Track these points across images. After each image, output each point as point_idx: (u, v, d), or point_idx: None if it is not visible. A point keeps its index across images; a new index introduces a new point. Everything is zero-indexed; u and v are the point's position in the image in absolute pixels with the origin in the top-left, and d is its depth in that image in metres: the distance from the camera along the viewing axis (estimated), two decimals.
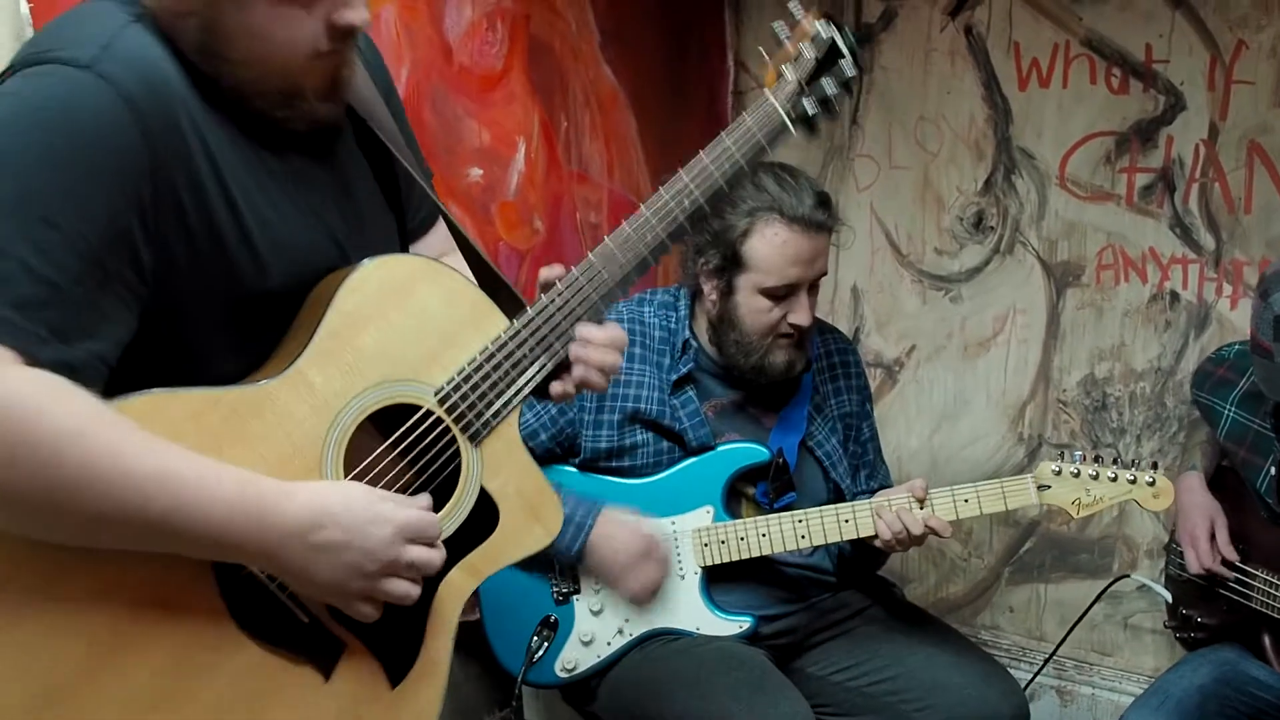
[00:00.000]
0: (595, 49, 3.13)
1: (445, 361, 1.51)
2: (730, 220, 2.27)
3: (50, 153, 1.20)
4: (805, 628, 2.41)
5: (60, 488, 1.15)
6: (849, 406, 2.54)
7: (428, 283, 1.52)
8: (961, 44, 3.33)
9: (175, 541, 1.24)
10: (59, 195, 1.20)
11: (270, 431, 1.36)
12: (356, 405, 1.43)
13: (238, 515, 1.25)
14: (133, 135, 1.25)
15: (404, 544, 1.38)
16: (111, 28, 1.29)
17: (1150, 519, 3.25)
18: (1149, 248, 3.16)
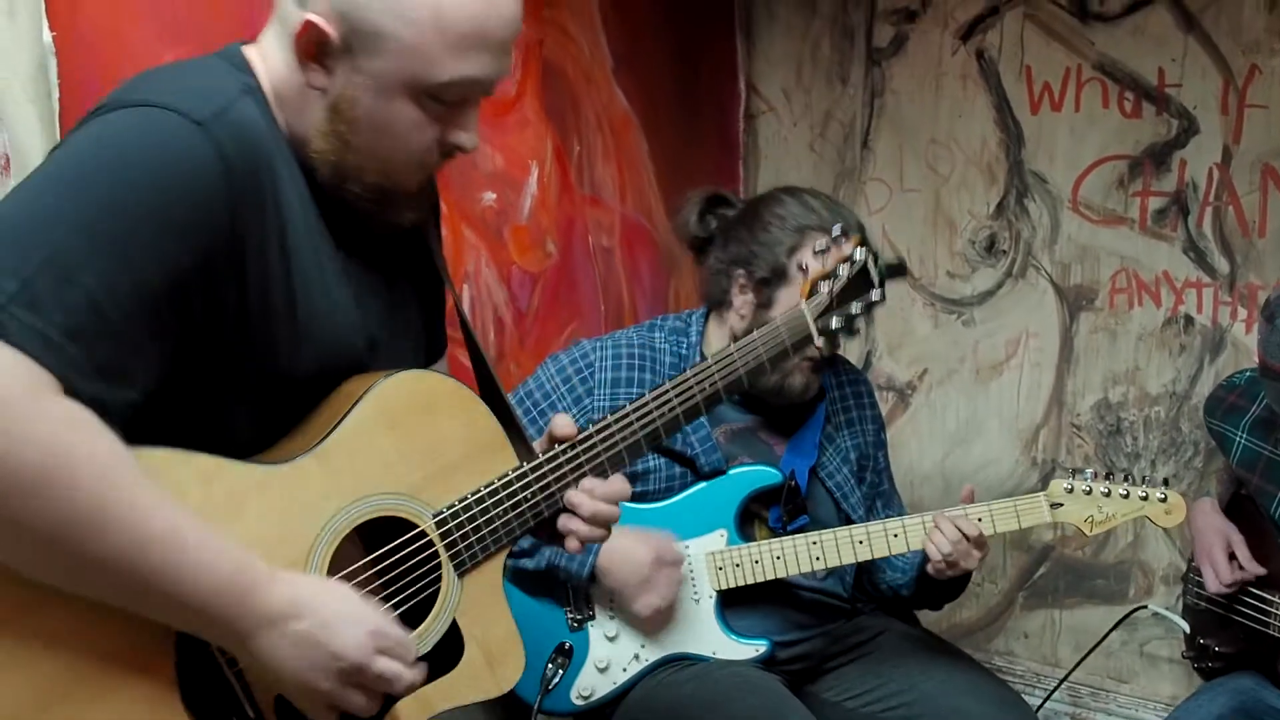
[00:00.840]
0: (608, 73, 3.14)
1: (449, 486, 1.52)
2: (778, 234, 2.29)
3: (146, 197, 1.22)
4: (821, 652, 2.40)
5: (70, 524, 1.14)
6: (865, 437, 2.53)
7: (452, 406, 1.54)
8: (973, 67, 3.33)
9: (157, 602, 1.22)
10: (141, 240, 1.21)
11: (267, 514, 1.35)
12: (356, 509, 1.43)
13: (225, 592, 1.24)
14: (222, 201, 1.28)
15: (375, 653, 1.35)
16: (230, 93, 1.34)
17: (1166, 544, 3.24)
18: (1163, 271, 3.16)
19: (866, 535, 2.26)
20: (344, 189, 1.43)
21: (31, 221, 1.17)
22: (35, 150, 1.80)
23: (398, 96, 1.38)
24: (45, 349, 1.13)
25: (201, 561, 1.22)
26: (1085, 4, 3.14)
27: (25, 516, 1.11)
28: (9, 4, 1.76)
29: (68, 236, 1.17)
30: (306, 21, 1.35)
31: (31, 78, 1.79)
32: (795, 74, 3.66)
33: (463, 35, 1.36)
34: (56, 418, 1.13)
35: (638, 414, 1.69)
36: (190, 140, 1.26)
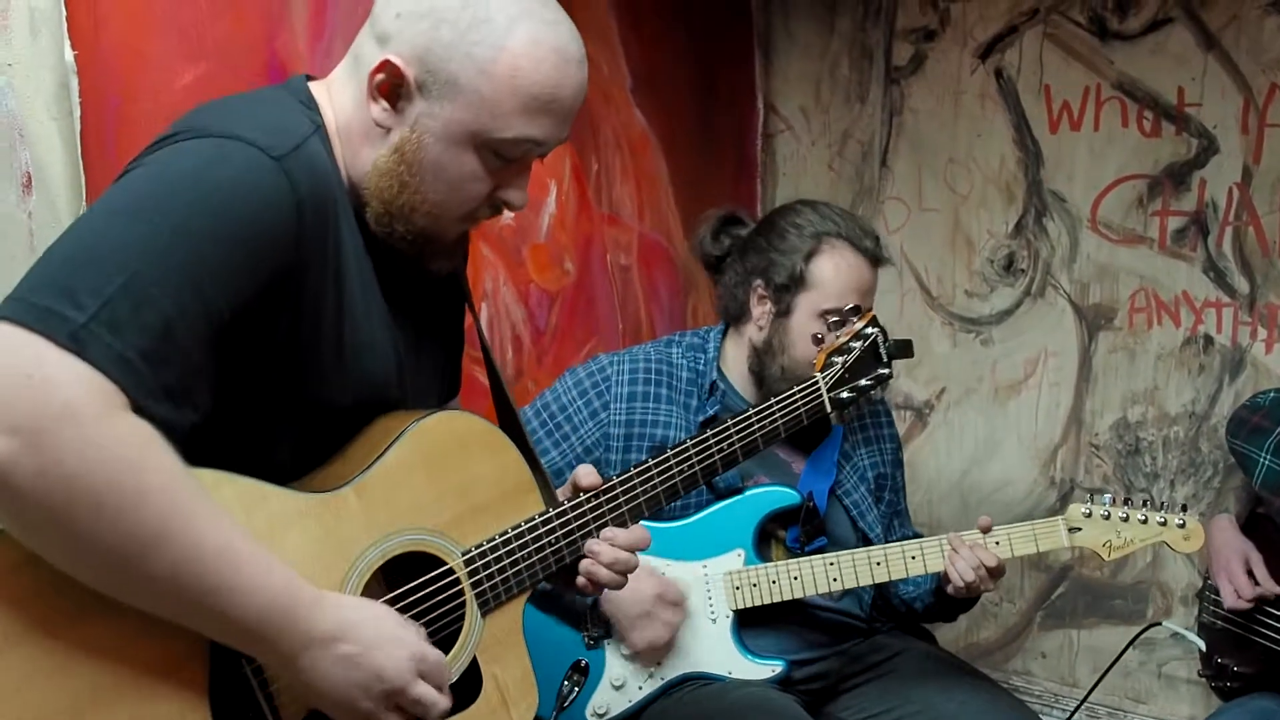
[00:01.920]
0: (626, 92, 3.14)
1: (477, 526, 1.56)
2: (795, 242, 2.32)
3: (223, 227, 1.25)
4: (837, 672, 2.39)
5: (133, 540, 1.16)
6: (883, 456, 2.53)
7: (486, 448, 1.59)
8: (992, 86, 3.34)
9: (210, 617, 1.24)
10: (214, 269, 1.24)
11: (305, 543, 1.38)
12: (390, 543, 1.47)
13: (275, 611, 1.26)
14: (292, 235, 1.32)
15: (415, 676, 1.39)
16: (303, 130, 1.38)
17: (1185, 565, 3.22)
18: (1182, 291, 3.15)
19: (884, 556, 2.26)
20: (391, 229, 1.47)
21: (112, 244, 1.20)
22: (57, 167, 1.81)
23: (462, 146, 1.43)
24: (121, 369, 1.15)
25: (255, 580, 1.24)
26: (1105, 23, 3.14)
27: (92, 529, 1.14)
28: (31, 22, 1.77)
29: (146, 262, 1.19)
30: (385, 60, 1.40)
31: (54, 96, 1.80)
32: (814, 93, 3.66)
33: (534, 97, 1.41)
34: (127, 434, 1.15)
35: (659, 468, 1.75)
36: (267, 175, 1.29)
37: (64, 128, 1.82)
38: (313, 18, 2.19)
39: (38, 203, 1.80)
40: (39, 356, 1.12)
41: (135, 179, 1.29)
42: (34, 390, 1.10)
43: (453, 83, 1.39)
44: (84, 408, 1.12)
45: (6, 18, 1.74)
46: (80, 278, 1.17)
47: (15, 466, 1.09)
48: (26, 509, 1.12)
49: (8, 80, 1.75)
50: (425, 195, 1.45)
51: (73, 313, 1.14)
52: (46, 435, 1.10)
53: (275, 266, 1.31)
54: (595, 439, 2.34)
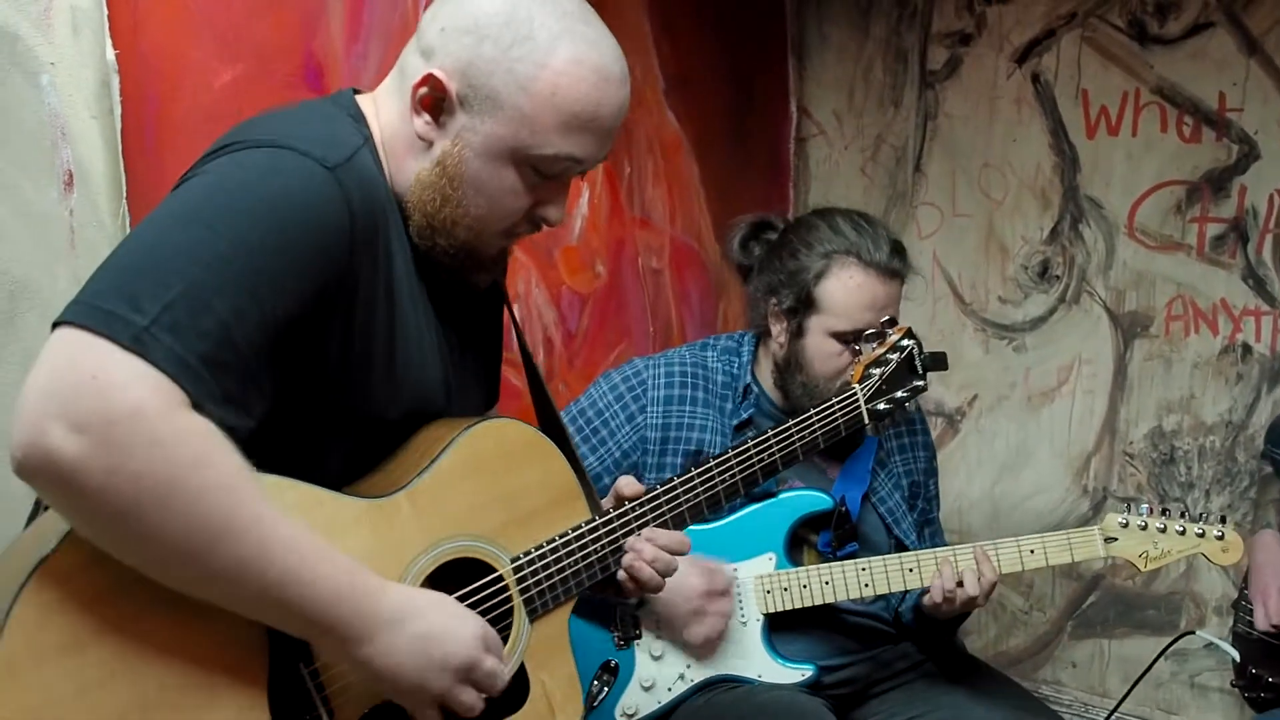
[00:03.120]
0: (659, 95, 3.14)
1: (526, 533, 1.59)
2: (805, 261, 2.28)
3: (280, 234, 1.28)
4: (866, 678, 2.38)
5: (201, 533, 1.18)
6: (917, 464, 2.52)
7: (534, 456, 1.62)
8: (1028, 91, 3.32)
9: (278, 607, 1.26)
10: (271, 277, 1.26)
11: (361, 547, 1.40)
12: (441, 548, 1.49)
13: (345, 598, 1.29)
14: (346, 245, 1.34)
15: (484, 650, 1.42)
16: (354, 142, 1.41)
17: (1219, 575, 3.20)
18: (1220, 299, 3.13)
19: (917, 563, 2.25)
20: (433, 242, 1.49)
21: (171, 252, 1.22)
22: (98, 165, 1.83)
23: (502, 161, 1.44)
24: (182, 371, 1.17)
25: (321, 568, 1.27)
26: (1144, 27, 3.12)
27: (160, 523, 1.16)
28: (73, 22, 1.78)
29: (205, 269, 1.21)
30: (429, 75, 1.42)
31: (95, 95, 1.82)
32: (847, 97, 3.65)
33: (575, 115, 1.43)
34: (191, 430, 1.18)
35: (701, 476, 1.78)
36: (322, 185, 1.32)
37: (105, 126, 1.83)
38: (349, 19, 2.20)
39: (79, 200, 1.81)
40: (103, 358, 1.14)
41: (193, 188, 1.31)
42: (100, 390, 1.12)
43: (494, 98, 1.41)
44: (149, 406, 1.14)
45: (49, 17, 1.75)
46: (141, 283, 1.19)
47: (86, 464, 1.11)
48: (97, 506, 1.14)
49: (50, 79, 1.77)
50: (466, 209, 1.46)
51: (135, 316, 1.16)
52: (115, 432, 1.12)
53: (329, 275, 1.33)
54: (632, 443, 2.34)
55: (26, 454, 1.12)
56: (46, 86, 1.77)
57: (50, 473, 1.12)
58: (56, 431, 1.11)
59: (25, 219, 1.74)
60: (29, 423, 1.12)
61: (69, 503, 1.15)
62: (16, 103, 1.72)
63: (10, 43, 1.71)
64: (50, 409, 1.11)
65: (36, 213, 1.76)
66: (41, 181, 1.77)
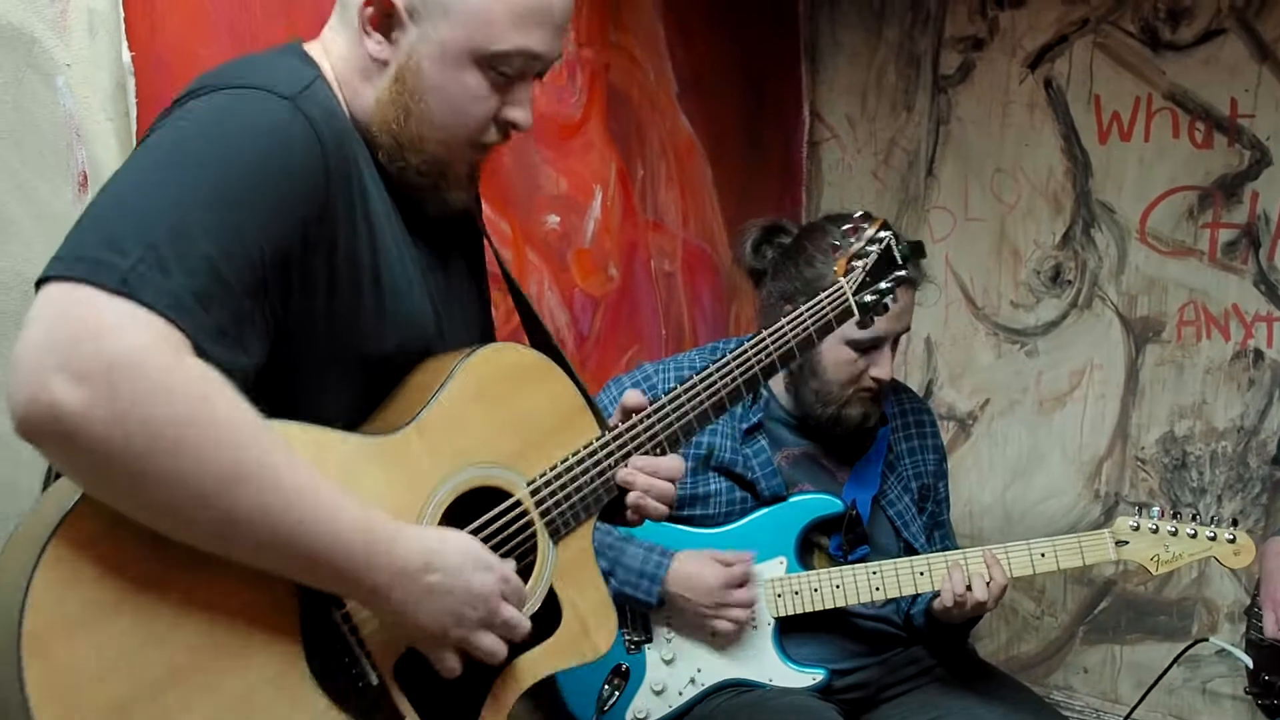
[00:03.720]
0: (673, 99, 3.15)
1: (538, 456, 1.57)
2: (820, 268, 2.27)
3: (257, 167, 1.27)
4: (878, 682, 2.38)
5: (214, 477, 1.15)
6: (927, 466, 2.51)
7: (538, 378, 1.60)
8: (1041, 96, 3.32)
9: (296, 556, 1.24)
10: (251, 210, 1.25)
11: (378, 485, 1.39)
12: (457, 479, 1.47)
13: (365, 540, 1.27)
14: (319, 171, 1.33)
15: (502, 600, 1.41)
16: (306, 76, 1.39)
17: (1231, 581, 3.19)
18: (1232, 304, 3.12)
19: (928, 566, 2.24)
20: (405, 161, 1.47)
21: (147, 195, 1.21)
22: (112, 167, 1.82)
23: (461, 65, 1.42)
24: (177, 309, 1.15)
25: (340, 512, 1.25)
26: (1156, 33, 3.12)
27: (169, 474, 1.13)
28: (90, 24, 1.79)
29: (186, 209, 1.20)
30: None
31: (110, 96, 1.82)
32: (860, 101, 3.65)
33: (527, 7, 1.41)
34: (194, 373, 1.15)
35: (704, 383, 1.74)
36: (287, 115, 1.31)
37: (120, 128, 1.84)
38: None
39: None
40: (93, 304, 1.11)
41: (160, 136, 1.29)
42: (96, 337, 1.10)
43: (442, 3, 1.39)
44: (148, 349, 1.12)
45: (65, 18, 1.76)
46: (121, 227, 1.17)
47: (90, 414, 1.08)
48: (106, 458, 1.11)
49: (66, 80, 1.77)
50: (431, 119, 1.44)
51: (117, 259, 1.13)
52: (117, 377, 1.09)
53: (309, 204, 1.32)
54: None
55: (29, 411, 1.09)
56: (62, 88, 1.77)
57: (56, 428, 1.09)
58: (58, 384, 1.07)
59: (40, 220, 1.75)
60: (27, 380, 1.08)
61: (78, 458, 1.12)
62: (32, 104, 1.73)
63: (27, 44, 1.72)
64: (48, 362, 1.08)
65: (51, 214, 1.76)
66: (56, 182, 1.77)
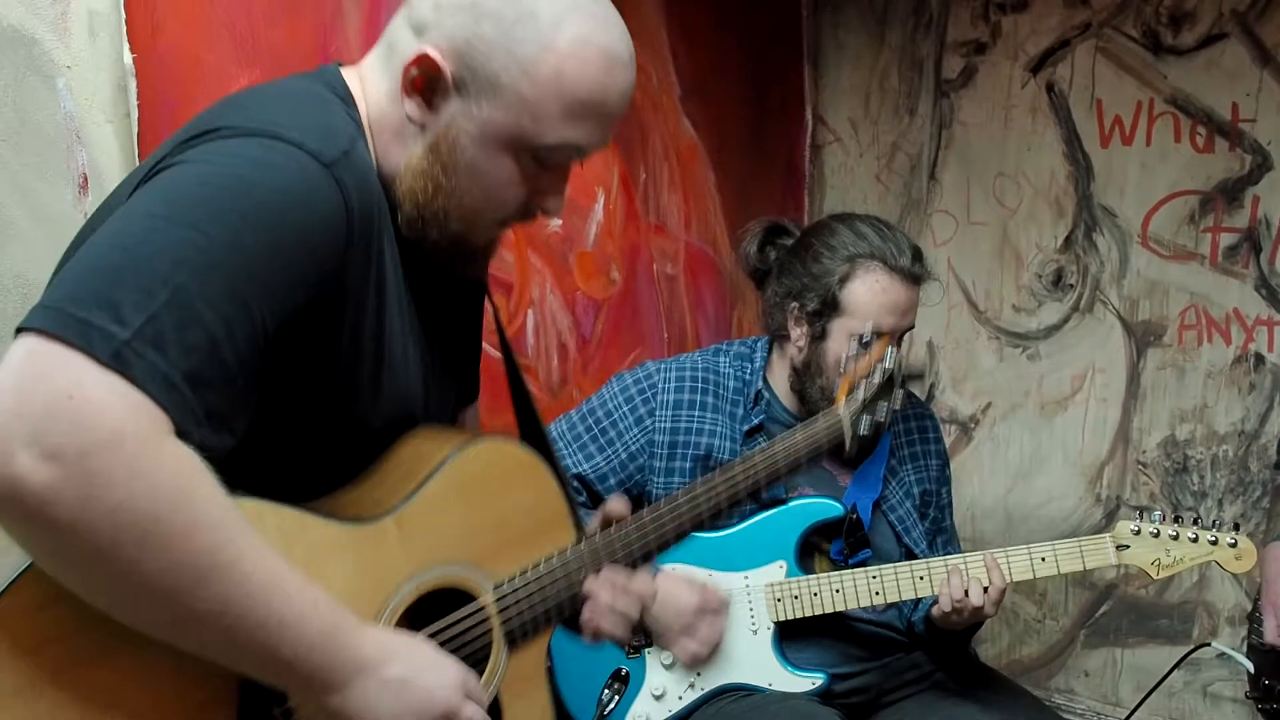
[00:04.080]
0: (675, 102, 3.15)
1: (510, 557, 1.50)
2: (829, 265, 2.28)
3: (274, 237, 1.17)
4: (878, 687, 2.38)
5: (180, 575, 1.07)
6: (929, 471, 2.51)
7: (524, 479, 1.54)
8: (1043, 100, 3.32)
9: (255, 653, 1.16)
10: (264, 282, 1.16)
11: (343, 575, 1.32)
12: (424, 576, 1.41)
13: (326, 642, 1.19)
14: (340, 247, 1.24)
15: (464, 697, 1.33)
16: (349, 132, 1.30)
17: (1232, 585, 3.19)
18: (1233, 309, 3.12)
19: (928, 571, 2.24)
20: (423, 234, 1.38)
21: (155, 252, 1.10)
22: (113, 169, 1.84)
23: (500, 148, 1.34)
24: (166, 391, 1.07)
25: (303, 613, 1.17)
26: (1158, 37, 3.12)
27: (137, 564, 1.05)
28: (90, 25, 1.79)
29: (193, 274, 1.10)
30: (422, 53, 1.31)
31: (111, 99, 1.83)
32: (863, 105, 3.66)
33: (580, 101, 1.32)
34: (174, 462, 1.07)
35: (688, 500, 1.70)
36: (319, 184, 1.21)
37: (120, 130, 1.84)
38: (366, 24, 2.21)
39: (93, 204, 1.81)
40: (80, 375, 1.02)
41: (177, 180, 1.19)
42: (75, 412, 1.01)
43: (493, 82, 1.30)
44: (130, 433, 1.03)
45: (66, 20, 1.76)
46: (122, 289, 1.07)
47: (58, 496, 1.00)
48: (67, 542, 1.02)
49: (66, 82, 1.78)
50: (460, 199, 1.36)
51: (114, 328, 1.04)
52: (91, 462, 1.01)
53: (323, 280, 1.23)
54: (640, 445, 2.34)
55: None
56: (63, 90, 1.77)
57: (15, 504, 1.00)
58: (24, 458, 0.98)
59: (40, 222, 1.75)
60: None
61: (35, 537, 1.03)
62: (33, 106, 1.73)
63: (27, 46, 1.72)
64: (18, 432, 0.99)
65: (51, 215, 1.76)
66: (57, 184, 1.77)
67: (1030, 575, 2.22)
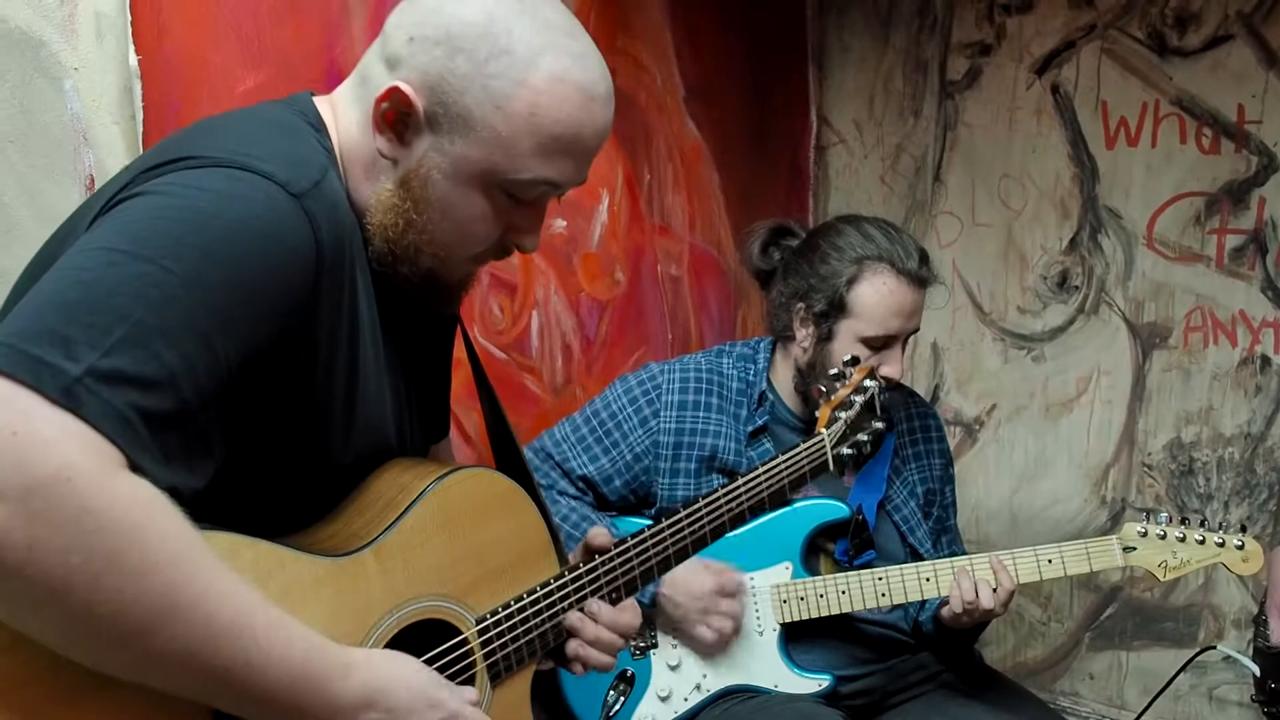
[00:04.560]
0: (680, 103, 3.15)
1: (492, 590, 1.48)
2: (836, 266, 2.29)
3: (239, 272, 1.13)
4: (883, 689, 2.38)
5: (137, 617, 1.03)
6: (932, 471, 2.51)
7: (505, 509, 1.52)
8: (1048, 102, 3.31)
9: (224, 694, 1.12)
10: (228, 320, 1.12)
11: (322, 610, 1.28)
12: (405, 609, 1.38)
13: (299, 683, 1.15)
14: (310, 283, 1.21)
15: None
16: (320, 163, 1.27)
17: (1238, 588, 3.18)
18: (1239, 310, 3.12)
19: (934, 572, 2.24)
20: (394, 269, 1.37)
21: (113, 287, 1.07)
22: (119, 171, 1.84)
23: (473, 184, 1.33)
24: (120, 429, 1.03)
25: (274, 653, 1.12)
26: (1164, 39, 3.11)
27: (90, 606, 1.00)
28: (97, 27, 1.80)
29: (151, 310, 1.07)
30: (393, 87, 1.30)
31: (117, 100, 1.83)
32: (867, 106, 3.65)
33: (554, 138, 1.31)
34: (128, 497, 1.02)
35: (671, 528, 1.69)
36: (288, 215, 1.18)
37: (126, 131, 1.84)
38: (371, 25, 2.21)
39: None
40: (26, 412, 0.98)
41: (138, 211, 1.15)
42: (21, 450, 0.97)
43: (466, 118, 1.29)
44: (78, 469, 0.99)
45: (73, 22, 1.77)
46: (76, 324, 1.03)
47: (4, 538, 0.95)
48: (16, 586, 0.98)
49: (73, 84, 1.78)
50: (432, 235, 1.34)
51: (66, 364, 1.00)
52: (37, 500, 0.96)
53: (291, 316, 1.20)
54: (644, 447, 2.34)
55: None
56: (69, 91, 1.78)
57: None
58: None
59: (47, 223, 1.74)
60: None
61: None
62: (40, 107, 1.73)
63: (34, 48, 1.72)
64: None
65: (58, 216, 1.75)
66: (64, 185, 1.78)
67: (1037, 577, 2.22)
